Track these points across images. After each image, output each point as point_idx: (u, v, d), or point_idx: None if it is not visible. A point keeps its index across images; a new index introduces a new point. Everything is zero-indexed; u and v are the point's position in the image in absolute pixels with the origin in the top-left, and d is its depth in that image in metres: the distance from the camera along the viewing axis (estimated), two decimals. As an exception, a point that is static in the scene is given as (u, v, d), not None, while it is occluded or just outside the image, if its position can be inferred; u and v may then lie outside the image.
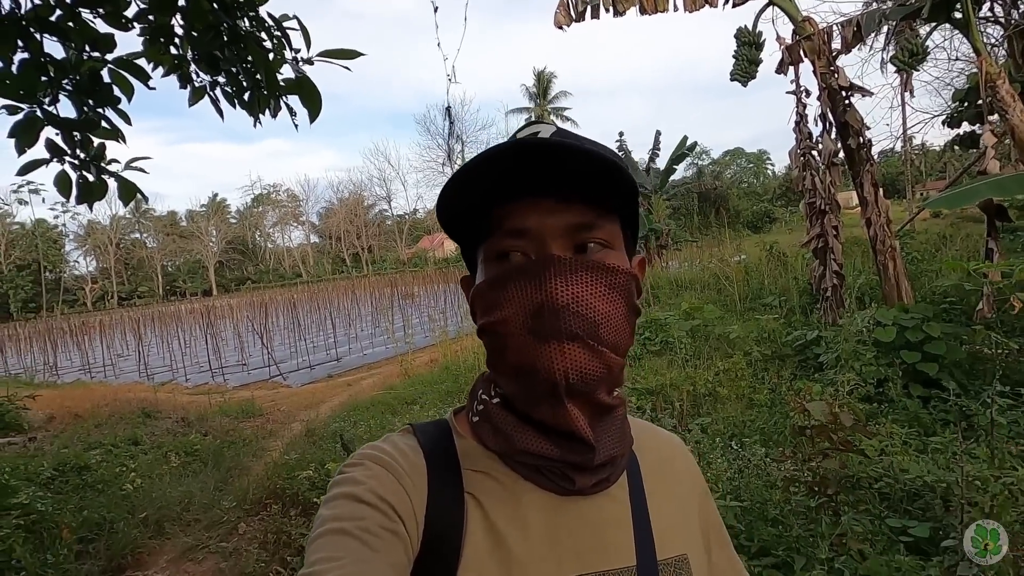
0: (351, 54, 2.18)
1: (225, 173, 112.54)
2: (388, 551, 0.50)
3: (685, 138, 18.85)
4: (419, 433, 0.62)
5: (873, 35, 5.30)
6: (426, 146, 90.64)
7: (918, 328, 4.46)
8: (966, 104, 10.24)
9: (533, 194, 0.55)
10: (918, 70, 4.83)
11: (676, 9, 5.70)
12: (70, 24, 2.39)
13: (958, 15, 4.09)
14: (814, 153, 6.02)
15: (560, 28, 5.88)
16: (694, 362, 5.71)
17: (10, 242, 52.32)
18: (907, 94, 5.10)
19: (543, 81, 47.23)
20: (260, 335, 11.96)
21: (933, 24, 5.48)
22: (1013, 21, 7.59)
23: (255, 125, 2.79)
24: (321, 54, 2.21)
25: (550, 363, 0.52)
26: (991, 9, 8.20)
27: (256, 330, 12.80)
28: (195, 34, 2.28)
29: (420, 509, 0.55)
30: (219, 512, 3.60)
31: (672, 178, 24.34)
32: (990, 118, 3.94)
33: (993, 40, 9.99)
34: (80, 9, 2.39)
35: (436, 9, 2.38)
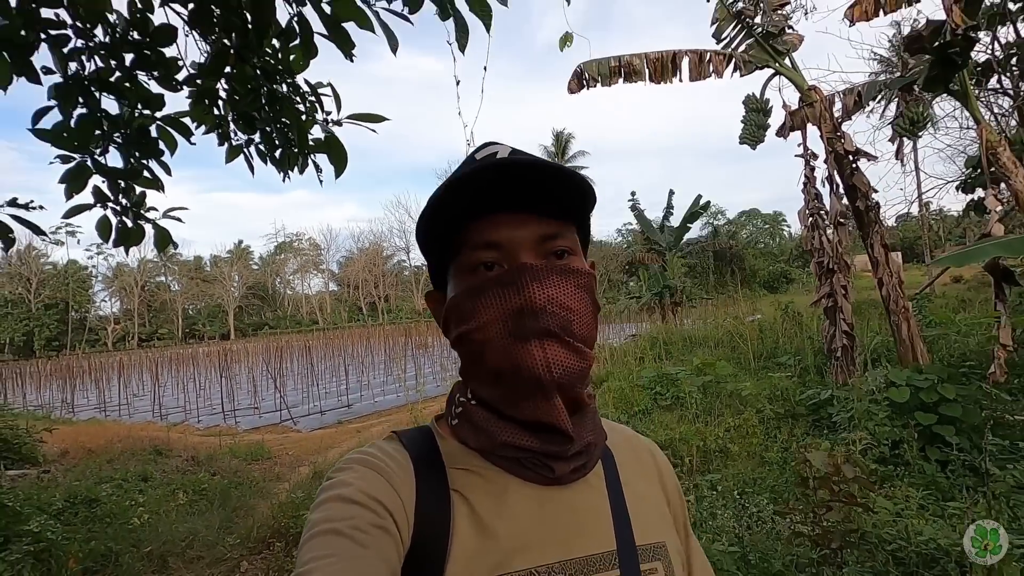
0: (377, 118, 2.38)
1: (250, 221, 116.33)
2: (379, 547, 0.52)
3: (699, 197, 19.16)
4: (403, 438, 0.65)
5: (875, 103, 5.51)
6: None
7: (932, 389, 4.40)
8: (979, 171, 10.41)
9: (502, 209, 0.59)
10: (919, 137, 4.99)
11: (681, 80, 6.00)
12: (127, 84, 2.64)
13: (956, 87, 4.27)
14: (822, 213, 6.14)
15: (573, 93, 6.21)
16: (705, 418, 5.64)
17: (41, 281, 54.04)
18: (908, 160, 5.22)
19: (561, 141, 48.76)
20: (274, 379, 12.06)
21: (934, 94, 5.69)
22: (1022, 92, 7.79)
23: (284, 180, 2.99)
24: (350, 117, 2.42)
25: (533, 360, 0.55)
26: (999, 81, 8.46)
27: (270, 374, 12.92)
28: (236, 97, 2.51)
29: (410, 506, 0.57)
30: (223, 549, 3.60)
31: (688, 236, 24.58)
32: (992, 184, 4.03)
33: (1004, 110, 10.24)
34: (137, 72, 2.65)
35: (458, 83, 2.59)
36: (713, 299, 22.77)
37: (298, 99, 2.83)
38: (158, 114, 2.74)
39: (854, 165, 5.92)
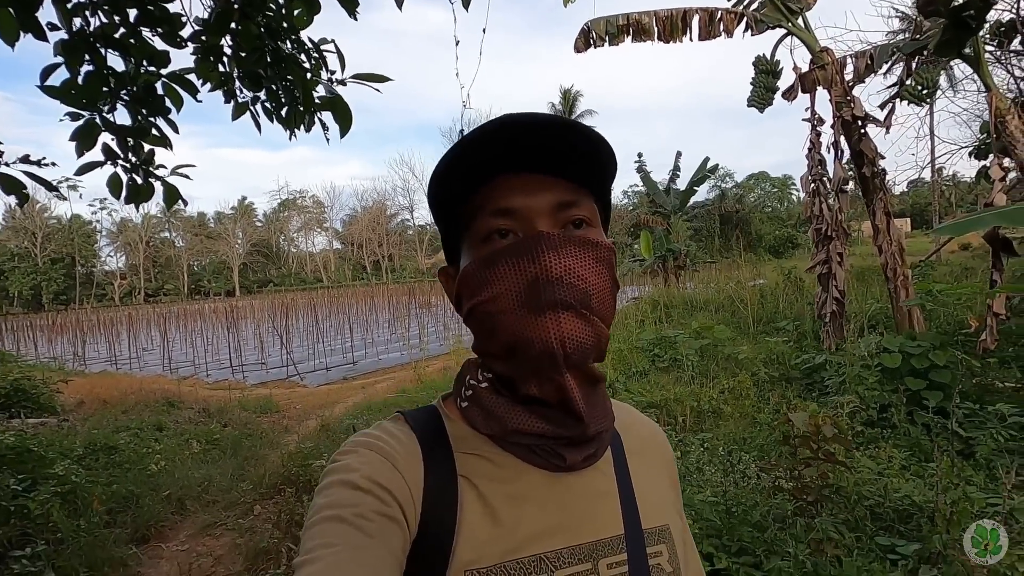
0: (381, 78, 2.39)
1: (254, 178, 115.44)
2: (383, 536, 0.51)
3: (707, 159, 18.91)
4: (410, 419, 0.63)
5: (888, 66, 5.40)
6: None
7: (924, 356, 4.49)
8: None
9: (516, 172, 0.56)
10: (928, 103, 4.92)
11: (692, 40, 5.88)
12: (131, 41, 2.65)
13: (969, 51, 4.19)
14: (825, 180, 6.11)
15: (579, 52, 6.10)
16: (701, 380, 5.79)
17: (46, 236, 54.27)
18: (925, 124, 5.16)
19: (569, 99, 47.66)
20: (280, 335, 12.28)
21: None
22: None
23: (290, 138, 3.02)
24: (354, 76, 2.43)
25: (547, 333, 0.53)
26: (1022, 42, 8.20)
27: (276, 331, 13.15)
28: (242, 55, 2.51)
29: (417, 492, 0.56)
30: (236, 494, 3.84)
31: (694, 199, 24.33)
32: (998, 153, 4.01)
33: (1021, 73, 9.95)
34: (141, 28, 2.65)
35: (457, 43, 2.58)
36: (718, 263, 22.71)
37: (303, 56, 2.84)
38: (164, 71, 2.75)
39: (862, 131, 5.86)
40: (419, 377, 8.27)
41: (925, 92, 4.74)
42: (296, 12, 2.64)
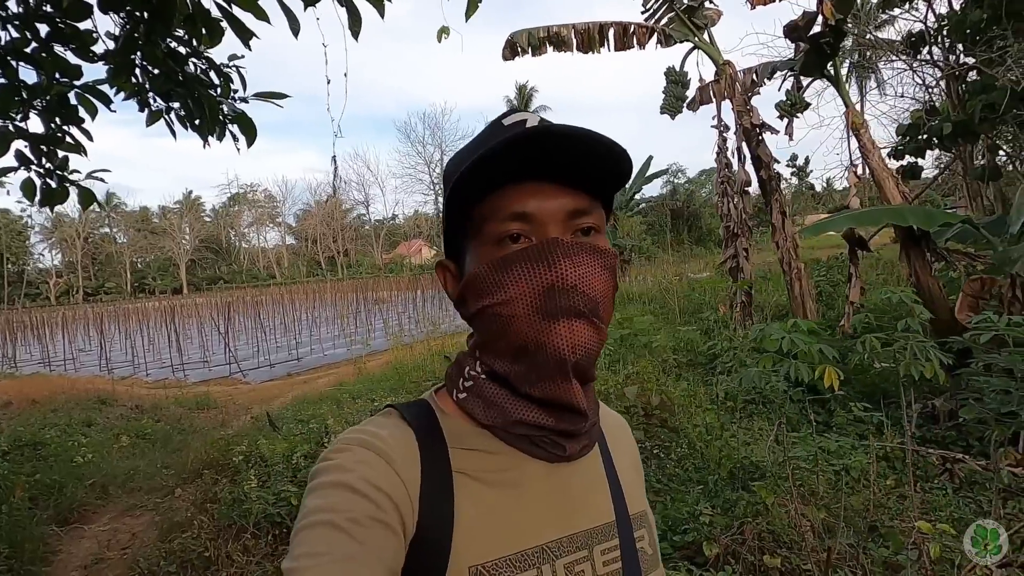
0: (279, 95, 2.67)
1: (200, 169, 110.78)
2: (375, 544, 0.50)
3: (650, 158, 19.71)
4: (405, 414, 0.62)
5: (769, 81, 6.01)
6: (405, 153, 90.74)
7: (791, 340, 5.08)
8: (908, 138, 11.15)
9: (534, 179, 0.56)
10: (799, 117, 5.53)
11: (610, 51, 6.32)
12: (43, 55, 2.82)
13: (831, 72, 4.77)
14: (731, 182, 6.68)
15: (507, 60, 6.45)
16: (614, 367, 6.27)
17: (-30, 232, 50.98)
18: (784, 133, 5.77)
19: (524, 95, 48.08)
20: (222, 334, 12.22)
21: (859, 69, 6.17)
22: (950, 66, 8.19)
23: (204, 146, 3.24)
24: (256, 95, 2.69)
25: (560, 340, 0.54)
26: (929, 52, 8.98)
27: (218, 328, 13.05)
28: (153, 71, 2.74)
29: (414, 491, 0.55)
30: (160, 480, 4.03)
31: (649, 195, 25.13)
32: (852, 164, 4.59)
33: (932, 81, 10.84)
34: (53, 43, 2.82)
35: (329, 81, 2.84)
36: (668, 257, 23.58)
37: (212, 72, 3.06)
38: (77, 82, 2.93)
39: (760, 137, 6.45)
40: (360, 371, 8.49)
41: (793, 107, 5.33)
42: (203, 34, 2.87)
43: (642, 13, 6.55)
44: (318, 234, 61.37)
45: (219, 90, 3.04)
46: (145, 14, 2.59)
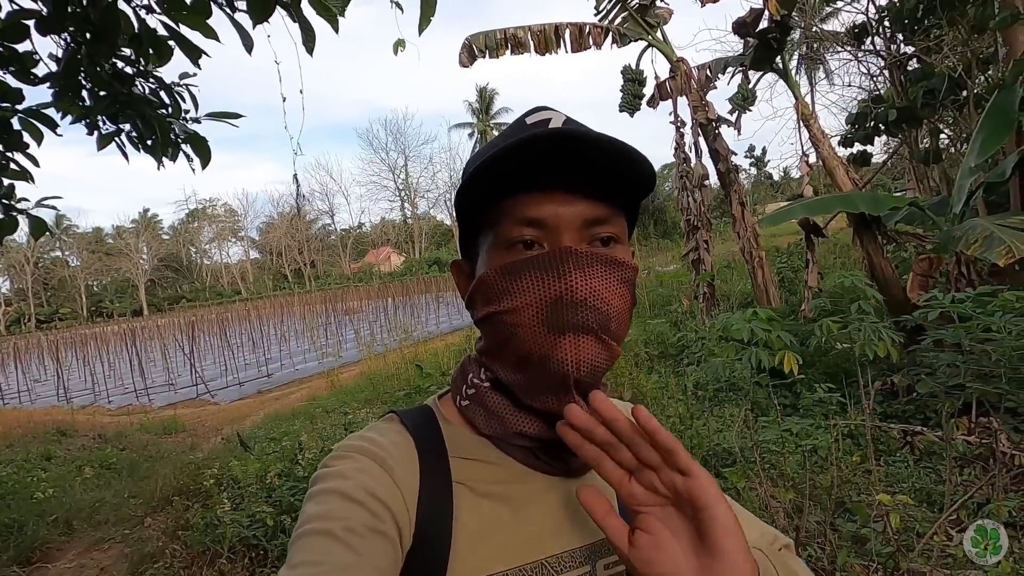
0: (234, 115, 2.62)
1: (156, 187, 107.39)
2: (372, 554, 0.50)
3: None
4: (406, 421, 0.61)
5: (723, 76, 6.19)
6: (369, 160, 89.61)
7: (750, 328, 5.25)
8: (857, 127, 11.62)
9: (550, 184, 0.54)
10: (750, 110, 5.72)
11: (567, 51, 6.40)
12: (-21, 79, 2.71)
13: (781, 64, 4.94)
14: (690, 176, 6.85)
15: (465, 67, 6.46)
16: (588, 364, 6.35)
17: (-90, 263, 48.20)
18: (733, 127, 5.96)
19: (485, 97, 48.20)
20: (187, 354, 11.88)
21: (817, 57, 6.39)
22: (892, 55, 8.55)
23: (158, 168, 3.16)
24: (208, 115, 2.64)
25: (564, 355, 0.52)
26: (872, 43, 9.37)
27: (183, 349, 12.68)
28: (99, 95, 2.66)
29: (412, 500, 0.55)
30: (128, 510, 3.89)
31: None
32: (804, 154, 4.79)
33: (876, 70, 11.33)
34: (-11, 67, 2.71)
35: (284, 99, 2.82)
36: (635, 251, 23.83)
37: (163, 93, 2.99)
38: (19, 107, 2.83)
39: (716, 131, 6.62)
40: (332, 384, 8.37)
41: (745, 100, 5.52)
42: (151, 53, 2.80)
43: (595, 14, 6.65)
44: (283, 247, 60.16)
45: (170, 110, 2.97)
46: (87, 35, 2.52)
